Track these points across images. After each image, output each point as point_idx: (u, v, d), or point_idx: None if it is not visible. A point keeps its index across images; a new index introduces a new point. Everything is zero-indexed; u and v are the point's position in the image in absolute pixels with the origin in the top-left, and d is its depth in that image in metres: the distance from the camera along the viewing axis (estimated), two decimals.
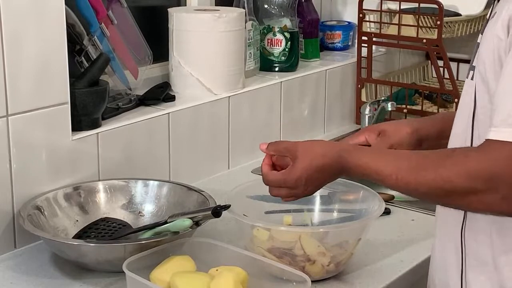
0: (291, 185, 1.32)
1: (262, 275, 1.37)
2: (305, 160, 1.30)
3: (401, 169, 1.20)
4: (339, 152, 1.29)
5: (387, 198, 1.82)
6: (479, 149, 1.14)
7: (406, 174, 1.19)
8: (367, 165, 1.26)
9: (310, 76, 2.31)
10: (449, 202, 1.20)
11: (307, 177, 1.31)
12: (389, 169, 1.22)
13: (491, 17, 1.21)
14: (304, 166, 1.30)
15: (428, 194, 1.19)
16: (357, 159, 1.27)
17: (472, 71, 1.24)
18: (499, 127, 1.10)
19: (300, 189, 1.32)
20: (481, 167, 1.11)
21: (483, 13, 2.46)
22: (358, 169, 1.27)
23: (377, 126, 1.50)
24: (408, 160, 1.22)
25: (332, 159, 1.29)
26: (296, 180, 1.31)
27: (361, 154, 1.28)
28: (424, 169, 1.17)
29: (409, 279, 1.52)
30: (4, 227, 1.55)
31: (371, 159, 1.26)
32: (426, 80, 2.79)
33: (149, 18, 2.17)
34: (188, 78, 2.00)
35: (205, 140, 1.97)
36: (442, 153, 1.22)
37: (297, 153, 1.32)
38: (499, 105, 1.12)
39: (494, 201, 1.11)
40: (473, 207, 1.17)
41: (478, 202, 1.13)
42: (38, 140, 1.58)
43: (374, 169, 1.24)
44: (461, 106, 1.27)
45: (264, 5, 2.31)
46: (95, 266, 1.46)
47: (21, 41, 1.51)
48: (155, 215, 1.64)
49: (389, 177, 1.22)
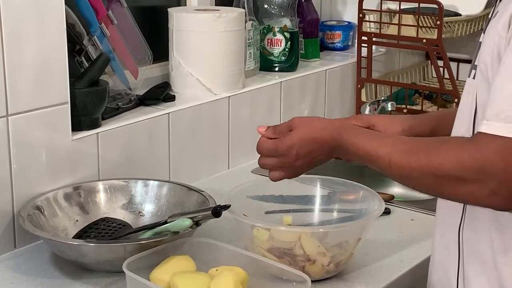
0: (282, 152, 1.31)
1: (262, 275, 1.37)
2: (301, 131, 1.31)
3: (394, 152, 1.20)
4: (337, 129, 1.29)
5: (387, 198, 1.82)
6: (472, 141, 1.14)
7: (399, 157, 1.19)
8: (362, 144, 1.25)
9: (310, 76, 2.32)
10: (441, 192, 1.19)
11: (299, 147, 1.30)
12: (383, 151, 1.21)
13: (493, 16, 1.21)
14: (299, 136, 1.30)
15: (420, 180, 1.18)
16: (352, 138, 1.27)
17: (474, 70, 1.24)
18: (491, 120, 1.10)
19: (290, 158, 1.31)
20: (471, 158, 1.11)
21: (483, 13, 2.46)
22: (352, 148, 1.26)
23: (368, 118, 1.47)
24: (403, 144, 1.22)
25: (328, 134, 1.29)
26: (288, 147, 1.31)
27: (357, 133, 1.28)
28: (417, 153, 1.17)
29: (409, 279, 1.52)
30: (4, 227, 1.55)
31: (367, 139, 1.26)
32: (426, 80, 2.79)
33: (149, 18, 2.17)
34: (188, 78, 2.00)
35: (205, 140, 1.97)
36: (438, 140, 1.22)
37: (295, 124, 1.32)
38: (493, 100, 1.12)
39: (484, 193, 1.11)
40: (463, 199, 1.17)
41: (467, 194, 1.13)
42: (38, 140, 1.58)
43: (368, 150, 1.24)
44: (462, 105, 1.27)
45: (264, 5, 2.31)
46: (95, 266, 1.46)
47: (21, 41, 1.51)
48: (155, 215, 1.64)
49: (382, 159, 1.21)
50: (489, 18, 1.24)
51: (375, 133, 1.36)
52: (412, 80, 2.72)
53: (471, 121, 1.22)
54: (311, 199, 1.61)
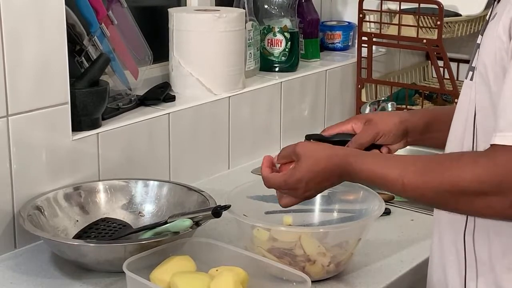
0: (291, 186, 1.32)
1: (262, 275, 1.37)
2: (308, 162, 1.29)
3: (407, 174, 1.18)
4: (344, 157, 1.28)
5: (387, 198, 1.82)
6: (486, 154, 1.12)
7: (413, 178, 1.18)
8: (372, 169, 1.24)
9: (310, 76, 2.31)
10: (457, 207, 1.18)
11: (308, 179, 1.30)
12: (395, 174, 1.20)
13: (492, 18, 1.21)
14: (307, 167, 1.29)
15: (435, 199, 1.17)
16: (361, 164, 1.25)
17: (471, 72, 1.23)
18: (504, 131, 1.09)
19: (300, 191, 1.32)
20: (489, 172, 1.10)
21: (483, 13, 2.47)
22: (363, 174, 1.25)
23: (364, 115, 1.47)
24: (414, 164, 1.20)
25: (336, 163, 1.28)
26: (297, 180, 1.30)
27: (365, 158, 1.27)
28: (431, 173, 1.16)
29: (409, 279, 1.52)
30: (4, 227, 1.55)
31: (376, 163, 1.25)
32: (426, 80, 2.80)
33: (149, 18, 2.17)
34: (188, 78, 2.00)
35: (205, 140, 1.97)
36: (450, 157, 1.21)
37: (300, 154, 1.31)
38: (504, 110, 1.10)
39: (503, 206, 1.10)
40: (480, 212, 1.16)
41: (486, 208, 1.12)
42: (38, 140, 1.58)
43: (379, 174, 1.22)
44: (460, 106, 1.27)
45: (264, 5, 2.31)
46: (95, 266, 1.46)
47: (21, 41, 1.51)
48: (155, 215, 1.64)
49: (395, 182, 1.19)
50: (487, 20, 1.23)
51: (384, 155, 1.37)
52: (412, 80, 2.72)
53: (470, 122, 1.22)
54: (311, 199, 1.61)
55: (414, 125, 1.43)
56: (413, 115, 1.46)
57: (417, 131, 1.43)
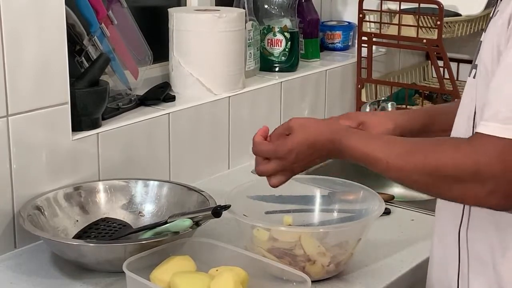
0: (281, 155, 1.31)
1: (262, 275, 1.37)
2: (300, 134, 1.31)
3: (392, 154, 1.20)
4: (334, 132, 1.29)
5: (387, 198, 1.82)
6: (469, 141, 1.14)
7: (397, 159, 1.19)
8: (358, 147, 1.25)
9: (310, 76, 2.31)
10: (438, 192, 1.19)
11: (298, 151, 1.30)
12: (380, 153, 1.21)
13: (494, 15, 1.21)
14: (298, 139, 1.30)
15: (418, 182, 1.18)
16: (349, 141, 1.27)
17: (474, 70, 1.24)
18: (489, 121, 1.10)
19: (289, 161, 1.31)
20: (467, 159, 1.11)
21: (483, 13, 2.47)
22: (350, 150, 1.26)
23: (358, 116, 1.47)
24: (400, 146, 1.22)
25: (326, 137, 1.29)
26: (288, 151, 1.31)
27: (354, 136, 1.28)
28: (415, 155, 1.17)
29: (409, 279, 1.52)
30: (4, 227, 1.55)
31: (364, 142, 1.26)
32: (426, 80, 2.80)
33: (149, 18, 2.17)
34: (188, 78, 2.00)
35: (205, 140, 1.97)
36: (434, 141, 1.21)
37: (293, 127, 1.32)
38: (491, 100, 1.12)
39: (482, 194, 1.11)
40: (461, 198, 1.17)
41: (465, 194, 1.13)
42: (38, 140, 1.58)
43: (365, 152, 1.24)
44: (462, 104, 1.27)
45: (264, 5, 2.31)
46: (95, 266, 1.46)
47: (21, 41, 1.51)
48: (155, 215, 1.64)
49: (380, 162, 1.21)
50: (490, 17, 1.24)
51: (372, 135, 1.36)
52: (412, 80, 2.72)
53: (471, 120, 1.22)
54: (311, 199, 1.61)
55: (410, 128, 1.43)
56: (407, 119, 1.46)
57: (413, 134, 1.43)
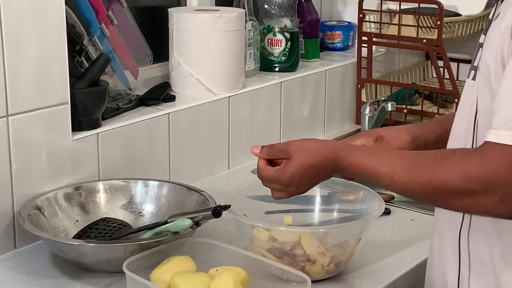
0: (284, 183, 1.32)
1: (262, 275, 1.37)
2: (299, 158, 1.30)
3: (397, 169, 1.19)
4: (334, 151, 1.29)
5: (387, 198, 1.82)
6: (477, 151, 1.13)
7: (402, 174, 1.18)
8: (361, 164, 1.25)
9: (310, 76, 2.31)
10: (445, 204, 1.19)
11: (300, 176, 1.30)
12: (384, 169, 1.21)
13: (495, 18, 1.20)
14: (298, 164, 1.30)
15: (424, 195, 1.18)
16: (351, 158, 1.26)
17: (473, 71, 1.23)
18: (499, 129, 1.09)
19: (293, 187, 1.32)
20: (479, 170, 1.10)
21: (483, 13, 2.47)
22: (352, 167, 1.26)
23: (375, 131, 1.48)
24: (404, 160, 1.21)
25: (326, 157, 1.29)
26: (290, 178, 1.31)
27: (355, 152, 1.28)
28: (421, 169, 1.16)
29: (409, 279, 1.52)
30: (4, 227, 1.55)
31: (366, 158, 1.25)
32: (426, 80, 2.80)
33: (149, 18, 2.17)
34: (188, 78, 2.00)
35: (205, 140, 1.97)
36: (440, 154, 1.20)
37: (291, 152, 1.31)
38: (500, 108, 1.10)
39: (491, 204, 1.10)
40: (469, 209, 1.17)
41: (475, 205, 1.12)
42: (38, 140, 1.58)
43: (369, 168, 1.23)
44: (461, 106, 1.27)
45: (264, 5, 2.31)
46: (95, 266, 1.46)
47: (21, 41, 1.51)
48: (155, 215, 1.64)
49: (384, 177, 1.20)
50: (490, 19, 1.23)
51: (374, 149, 1.36)
52: (412, 80, 2.72)
53: (471, 123, 1.22)
54: (311, 199, 1.61)
55: (425, 140, 1.44)
56: (423, 130, 1.46)
57: (429, 144, 1.44)
